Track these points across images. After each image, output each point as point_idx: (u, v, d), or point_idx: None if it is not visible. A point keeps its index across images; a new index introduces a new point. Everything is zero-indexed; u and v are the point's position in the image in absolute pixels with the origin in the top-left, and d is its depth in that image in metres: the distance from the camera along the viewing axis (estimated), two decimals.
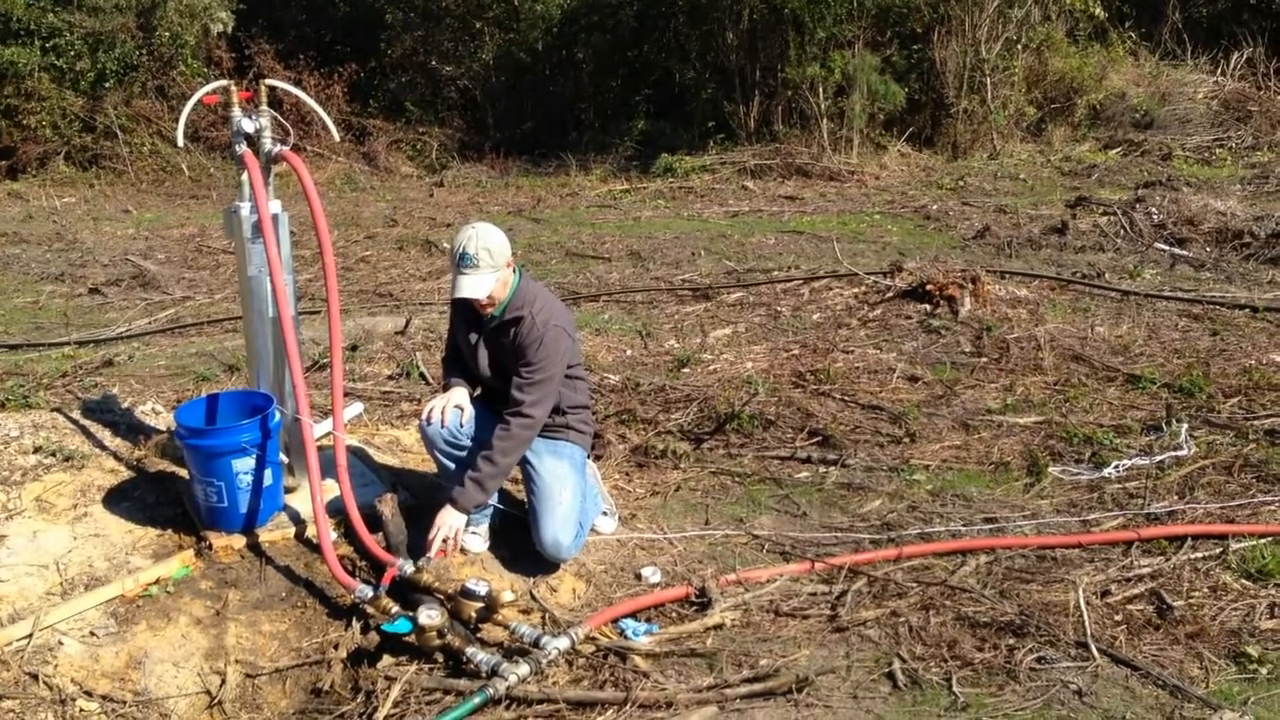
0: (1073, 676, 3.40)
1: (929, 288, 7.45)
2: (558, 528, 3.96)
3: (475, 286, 3.83)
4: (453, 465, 4.06)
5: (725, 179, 13.52)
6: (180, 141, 4.52)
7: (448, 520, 3.89)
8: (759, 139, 14.65)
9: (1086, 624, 3.61)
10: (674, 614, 3.83)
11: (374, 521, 3.99)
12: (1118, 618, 3.71)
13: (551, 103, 17.06)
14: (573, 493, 4.04)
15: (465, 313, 4.10)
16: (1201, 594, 3.83)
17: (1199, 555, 4.08)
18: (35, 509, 4.23)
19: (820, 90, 13.96)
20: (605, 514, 4.44)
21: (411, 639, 3.44)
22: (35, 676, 3.39)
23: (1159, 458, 4.93)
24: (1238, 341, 6.57)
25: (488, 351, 4.07)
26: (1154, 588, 3.87)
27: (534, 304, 3.97)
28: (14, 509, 4.21)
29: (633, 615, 3.76)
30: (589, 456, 4.38)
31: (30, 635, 3.51)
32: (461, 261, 3.83)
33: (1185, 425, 5.21)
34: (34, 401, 5.45)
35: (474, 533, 4.17)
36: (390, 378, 6.19)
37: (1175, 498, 4.59)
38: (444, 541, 3.88)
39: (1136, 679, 3.39)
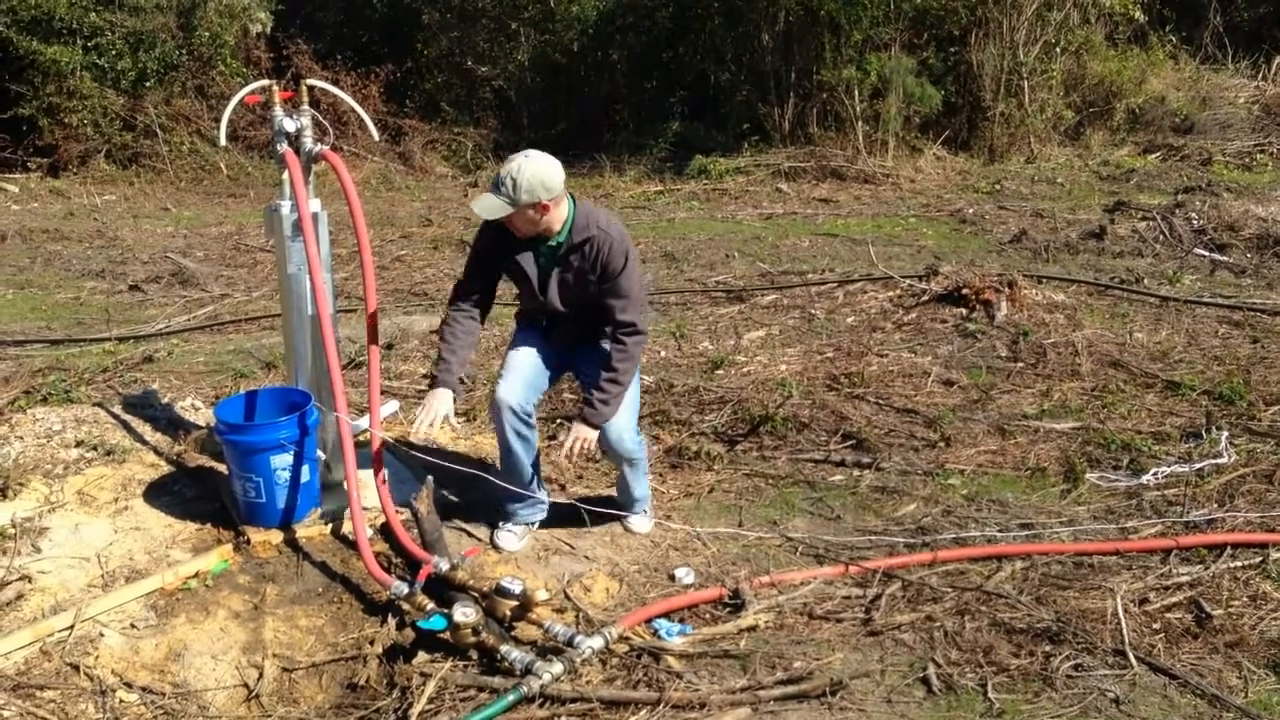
0: (1110, 684, 3.37)
1: (965, 292, 7.40)
2: (620, 422, 4.06)
3: (486, 208, 3.79)
4: (518, 444, 4.09)
5: (759, 181, 13.48)
6: (222, 141, 4.57)
7: (582, 434, 4.01)
8: (794, 141, 14.58)
9: (1124, 632, 3.58)
10: (707, 615, 3.83)
11: (410, 518, 4.02)
12: (1156, 626, 3.68)
13: (586, 104, 17.08)
14: (629, 390, 4.14)
15: (510, 243, 4.02)
16: (1241, 603, 3.79)
17: (1238, 564, 4.03)
18: (77, 502, 4.29)
19: (856, 93, 13.89)
20: (640, 514, 4.44)
21: (446, 636, 3.46)
22: (76, 667, 3.44)
23: (1198, 465, 4.88)
24: (1279, 349, 6.49)
25: (557, 280, 4.03)
26: (1193, 596, 3.83)
27: (598, 221, 3.95)
28: (56, 502, 4.27)
29: (666, 616, 3.77)
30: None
31: (72, 626, 3.56)
32: (493, 181, 3.83)
33: (1225, 433, 5.15)
34: (76, 396, 5.52)
35: (510, 531, 4.20)
36: (425, 376, 6.21)
37: (1215, 506, 4.54)
38: (579, 443, 4.01)
39: (1175, 688, 3.35)
